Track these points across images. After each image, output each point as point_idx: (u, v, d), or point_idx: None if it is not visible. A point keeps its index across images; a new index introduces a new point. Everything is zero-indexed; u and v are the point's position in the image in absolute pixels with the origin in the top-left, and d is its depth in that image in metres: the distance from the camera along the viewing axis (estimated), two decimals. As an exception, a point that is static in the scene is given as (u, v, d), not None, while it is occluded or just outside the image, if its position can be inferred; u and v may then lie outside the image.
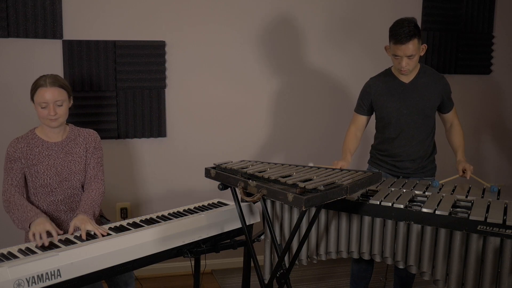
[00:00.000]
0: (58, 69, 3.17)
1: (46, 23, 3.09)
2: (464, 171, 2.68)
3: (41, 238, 2.08)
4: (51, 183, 2.40)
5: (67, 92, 2.41)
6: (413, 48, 2.56)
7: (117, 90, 3.28)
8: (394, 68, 2.77)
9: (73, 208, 2.48)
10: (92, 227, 2.19)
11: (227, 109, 3.54)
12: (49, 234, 2.14)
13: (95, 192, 2.45)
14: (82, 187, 2.50)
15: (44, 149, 2.40)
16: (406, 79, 2.74)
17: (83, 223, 2.20)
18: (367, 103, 2.85)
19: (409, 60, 2.59)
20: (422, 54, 2.66)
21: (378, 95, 2.79)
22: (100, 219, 2.60)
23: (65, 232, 2.24)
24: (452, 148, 2.87)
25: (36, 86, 2.34)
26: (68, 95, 2.42)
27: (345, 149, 2.82)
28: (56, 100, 2.33)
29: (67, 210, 2.46)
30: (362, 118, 2.90)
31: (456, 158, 2.80)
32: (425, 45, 2.67)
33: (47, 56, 3.15)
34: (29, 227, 2.17)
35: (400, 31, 2.53)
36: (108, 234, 2.20)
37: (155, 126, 3.38)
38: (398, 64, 2.64)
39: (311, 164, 2.52)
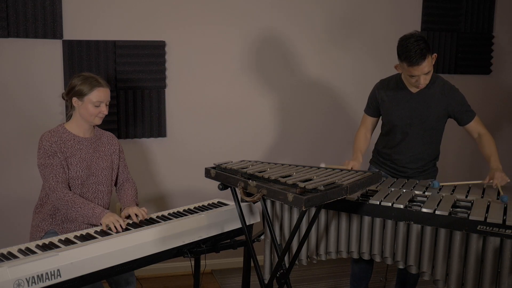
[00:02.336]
0: (58, 69, 3.17)
1: (46, 23, 3.09)
2: (490, 180, 2.51)
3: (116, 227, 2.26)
4: (82, 175, 2.47)
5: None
6: (429, 65, 2.50)
7: (117, 90, 3.28)
8: (404, 76, 2.70)
9: (94, 202, 2.50)
10: (137, 211, 2.43)
11: (227, 109, 3.54)
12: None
13: (130, 190, 2.66)
14: (105, 185, 2.56)
15: (76, 143, 2.48)
16: (414, 89, 2.69)
17: (129, 209, 2.45)
18: (374, 105, 2.84)
19: (426, 76, 2.54)
20: (433, 63, 2.59)
21: (384, 101, 2.78)
22: None
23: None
24: (484, 157, 2.73)
25: (92, 85, 2.44)
26: None
27: (356, 149, 2.82)
28: (108, 100, 2.51)
29: None
30: (371, 119, 2.89)
31: (490, 165, 2.60)
32: (435, 54, 2.60)
33: (47, 56, 3.15)
34: (100, 220, 2.32)
35: (412, 53, 2.44)
36: (107, 234, 2.20)
37: (155, 126, 3.38)
38: (416, 82, 2.57)
39: (323, 165, 2.50)
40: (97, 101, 2.44)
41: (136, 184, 2.74)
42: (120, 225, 2.27)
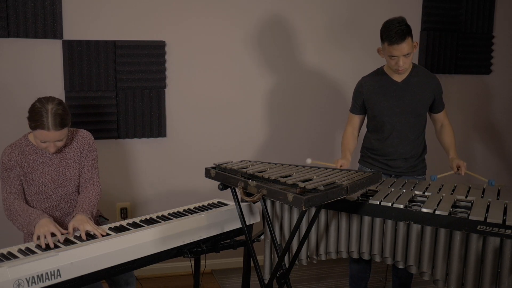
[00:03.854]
0: (58, 69, 3.17)
1: (46, 23, 3.09)
2: (458, 168, 2.72)
3: (45, 239, 2.07)
4: (46, 190, 2.38)
5: (68, 126, 2.30)
6: (409, 47, 2.60)
7: (117, 90, 3.28)
8: (387, 67, 2.80)
9: (68, 212, 2.47)
10: (91, 227, 2.18)
11: (227, 109, 3.54)
12: (53, 234, 2.13)
13: (91, 193, 2.43)
14: (77, 191, 2.49)
15: (38, 156, 2.36)
16: (399, 78, 2.77)
17: (82, 223, 2.18)
18: (360, 102, 2.87)
19: (405, 58, 2.62)
20: (414, 51, 2.69)
21: (370, 94, 2.81)
22: (99, 219, 2.60)
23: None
24: (444, 147, 2.89)
25: (36, 123, 2.19)
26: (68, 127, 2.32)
27: (344, 149, 2.86)
28: (57, 139, 2.26)
29: (62, 215, 2.46)
30: (357, 118, 2.93)
31: (449, 156, 2.82)
32: (417, 42, 2.72)
33: (47, 56, 3.15)
34: (34, 229, 2.16)
35: (393, 32, 2.57)
36: (108, 234, 2.20)
37: (155, 126, 3.38)
38: (396, 64, 2.65)
39: (309, 160, 2.60)
40: (41, 140, 2.22)
41: (137, 185, 2.73)
42: (51, 241, 2.04)
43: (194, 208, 2.61)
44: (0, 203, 2.62)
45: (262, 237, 2.60)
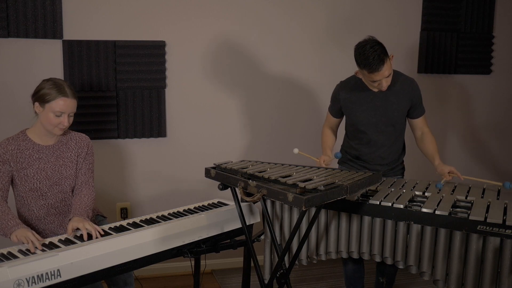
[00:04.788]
0: (58, 69, 3.17)
1: (46, 23, 3.09)
2: (449, 173, 2.62)
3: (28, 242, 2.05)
4: (41, 187, 2.37)
5: (77, 102, 2.39)
6: (389, 68, 2.52)
7: (117, 90, 3.28)
8: (366, 80, 2.69)
9: (64, 211, 2.46)
10: (90, 226, 2.18)
11: (227, 109, 3.54)
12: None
13: (87, 197, 2.43)
14: (72, 191, 2.48)
15: (34, 152, 2.36)
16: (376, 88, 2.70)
17: (82, 222, 2.19)
18: (337, 108, 2.85)
19: (387, 78, 2.56)
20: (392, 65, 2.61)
21: (347, 103, 2.77)
22: (95, 218, 2.60)
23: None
24: (427, 155, 2.79)
25: (53, 94, 2.29)
26: None
27: (324, 146, 2.87)
28: (71, 111, 2.34)
29: (57, 213, 2.45)
30: (334, 120, 2.93)
31: (435, 163, 2.72)
32: (392, 55, 2.61)
33: (47, 56, 3.15)
34: (10, 236, 2.15)
35: (371, 59, 2.46)
36: (107, 234, 2.20)
37: (155, 126, 3.38)
38: (379, 86, 2.59)
39: (296, 150, 2.70)
40: (58, 111, 2.28)
41: (137, 185, 2.73)
42: (32, 241, 2.03)
43: (194, 208, 2.61)
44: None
45: (262, 237, 2.60)
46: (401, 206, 2.12)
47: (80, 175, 2.47)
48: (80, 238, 2.15)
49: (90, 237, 2.16)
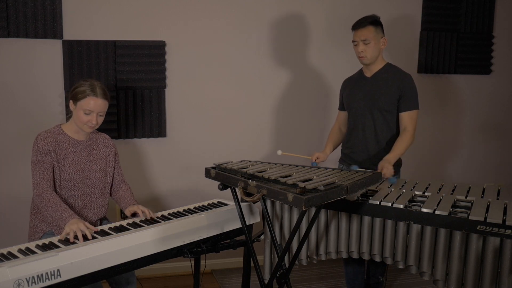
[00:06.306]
0: (58, 69, 3.17)
1: (46, 23, 3.09)
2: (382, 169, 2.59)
3: (75, 237, 2.14)
4: (75, 177, 2.47)
5: (108, 103, 2.51)
6: (368, 34, 2.72)
7: (117, 90, 3.28)
8: (365, 66, 2.90)
9: (87, 205, 2.52)
10: (144, 208, 2.48)
11: (227, 109, 3.54)
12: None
13: (129, 191, 2.67)
14: (98, 187, 2.55)
15: (70, 145, 2.48)
16: (369, 73, 2.87)
17: (136, 206, 2.49)
18: (341, 98, 3.04)
19: (365, 46, 2.74)
20: (382, 47, 2.80)
21: (345, 89, 2.98)
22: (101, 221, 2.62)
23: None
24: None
25: (85, 92, 2.41)
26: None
27: (328, 142, 3.02)
28: (100, 111, 2.45)
29: (82, 206, 2.51)
30: (342, 114, 3.06)
31: (386, 156, 2.66)
32: (386, 38, 2.80)
33: (47, 56, 3.15)
34: (64, 225, 2.24)
35: (359, 19, 2.77)
36: (107, 234, 2.20)
37: (155, 126, 3.38)
38: (356, 51, 2.79)
39: (279, 152, 2.78)
40: (87, 109, 2.41)
41: (137, 184, 2.75)
42: (85, 235, 2.15)
43: (194, 208, 2.61)
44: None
45: (262, 237, 2.60)
46: (401, 206, 2.12)
47: (116, 175, 2.67)
48: (82, 237, 2.15)
49: (104, 233, 2.21)
